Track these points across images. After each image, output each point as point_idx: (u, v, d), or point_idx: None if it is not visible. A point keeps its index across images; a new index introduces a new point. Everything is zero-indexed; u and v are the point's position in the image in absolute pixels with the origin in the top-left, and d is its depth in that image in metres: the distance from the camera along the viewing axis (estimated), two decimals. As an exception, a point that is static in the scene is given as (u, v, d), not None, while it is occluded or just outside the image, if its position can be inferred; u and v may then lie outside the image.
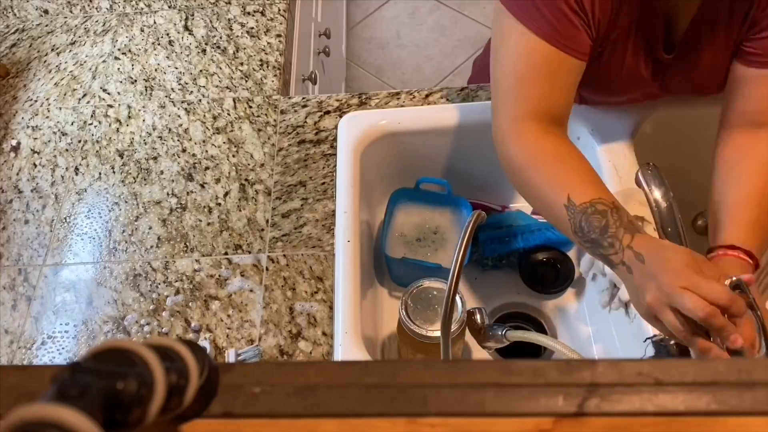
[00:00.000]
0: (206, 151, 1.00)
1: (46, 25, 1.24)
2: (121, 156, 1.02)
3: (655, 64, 0.81)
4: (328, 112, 1.03)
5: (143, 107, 1.08)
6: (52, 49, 1.20)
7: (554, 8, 0.71)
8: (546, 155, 0.73)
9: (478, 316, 0.79)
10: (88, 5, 1.26)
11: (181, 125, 1.05)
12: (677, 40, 0.78)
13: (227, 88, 1.09)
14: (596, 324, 0.95)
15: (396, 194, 1.02)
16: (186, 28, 1.19)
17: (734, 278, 0.61)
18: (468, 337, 0.97)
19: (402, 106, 1.02)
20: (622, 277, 0.66)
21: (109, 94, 1.11)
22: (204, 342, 0.82)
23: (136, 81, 1.12)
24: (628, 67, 0.80)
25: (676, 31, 0.77)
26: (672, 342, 0.70)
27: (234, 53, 1.14)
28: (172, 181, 0.98)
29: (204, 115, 1.05)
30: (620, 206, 0.68)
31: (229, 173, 0.98)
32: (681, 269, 0.60)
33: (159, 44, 1.17)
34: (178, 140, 1.03)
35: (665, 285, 0.60)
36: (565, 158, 0.73)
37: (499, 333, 0.77)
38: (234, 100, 1.07)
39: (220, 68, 1.12)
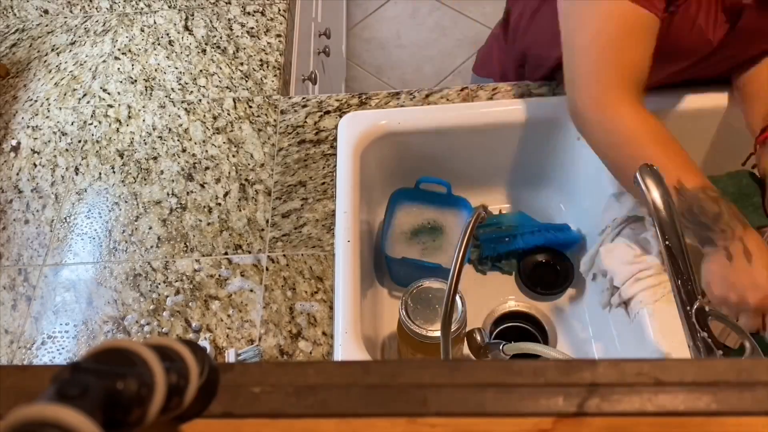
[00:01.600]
0: (206, 151, 1.00)
1: (46, 25, 1.24)
2: (121, 156, 1.02)
3: (731, 15, 0.77)
4: (328, 112, 1.03)
5: (143, 107, 1.08)
6: (52, 49, 1.20)
7: None
8: (651, 133, 0.73)
9: (477, 336, 0.79)
10: (88, 5, 1.26)
11: (181, 125, 1.05)
12: None
13: (227, 88, 1.09)
14: (596, 324, 0.95)
15: (396, 194, 1.02)
16: (186, 28, 1.19)
17: None
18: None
19: (402, 106, 1.02)
20: (714, 257, 0.70)
21: (109, 94, 1.11)
22: (204, 342, 0.82)
23: (136, 81, 1.12)
24: (700, 24, 0.77)
25: None
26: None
27: (234, 53, 1.14)
28: (172, 181, 0.98)
29: (204, 115, 1.05)
30: (726, 198, 0.71)
31: (229, 173, 0.98)
32: None
33: (159, 44, 1.17)
34: (178, 140, 1.03)
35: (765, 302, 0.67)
36: (667, 139, 0.73)
37: (498, 349, 0.77)
38: (234, 100, 1.07)
39: (220, 68, 1.12)
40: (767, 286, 0.67)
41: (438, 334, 0.73)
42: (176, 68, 1.13)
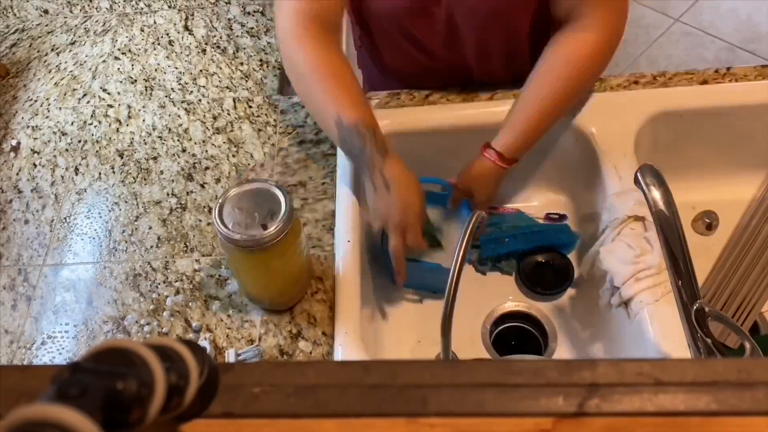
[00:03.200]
0: (206, 151, 1.00)
1: (46, 25, 1.24)
2: (121, 156, 1.02)
3: None
4: (328, 112, 1.03)
5: (143, 107, 1.08)
6: (52, 49, 1.20)
7: None
8: (325, 67, 0.82)
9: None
10: (88, 5, 1.26)
11: (181, 125, 1.05)
12: None
13: (227, 88, 1.09)
14: (596, 324, 0.95)
15: None
16: (186, 28, 1.19)
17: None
18: (464, 339, 0.97)
19: (402, 106, 1.02)
20: (367, 192, 0.82)
21: (109, 94, 1.11)
22: (204, 342, 0.82)
23: (136, 81, 1.12)
24: None
25: None
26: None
27: (234, 53, 1.14)
28: (172, 181, 0.98)
29: (204, 115, 1.05)
30: (378, 129, 0.81)
31: (229, 173, 0.98)
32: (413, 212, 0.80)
33: (159, 44, 1.17)
34: (178, 140, 1.03)
35: (400, 219, 0.80)
36: (340, 74, 0.82)
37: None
38: (234, 100, 1.07)
39: (220, 68, 1.12)
40: (400, 206, 0.79)
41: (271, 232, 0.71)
42: (176, 68, 1.13)
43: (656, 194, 0.68)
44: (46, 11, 1.27)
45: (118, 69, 1.14)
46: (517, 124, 0.87)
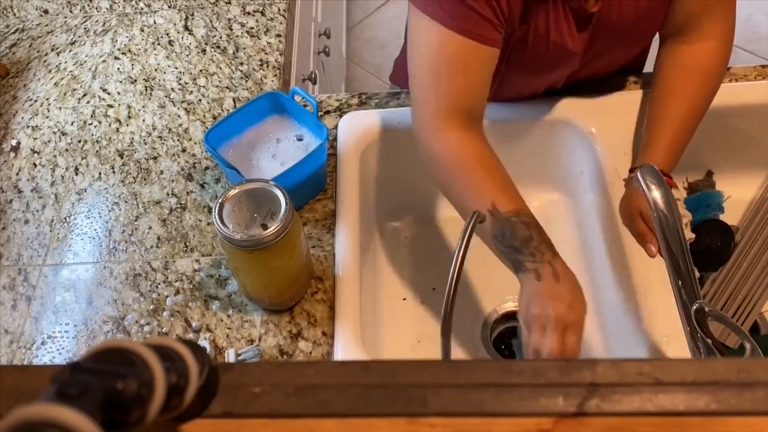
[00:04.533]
0: (206, 151, 1.00)
1: (46, 25, 1.24)
2: (121, 156, 1.02)
3: (582, 24, 0.81)
4: (328, 112, 1.03)
5: (143, 107, 1.08)
6: (52, 49, 1.20)
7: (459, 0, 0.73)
8: (470, 159, 0.76)
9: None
10: (88, 5, 1.26)
11: (181, 125, 1.05)
12: None
13: (227, 88, 1.09)
14: (596, 324, 0.95)
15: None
16: (186, 28, 1.19)
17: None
18: (464, 339, 0.97)
19: (402, 106, 1.02)
20: (526, 281, 0.70)
21: (109, 94, 1.11)
22: (204, 342, 0.82)
23: (136, 81, 1.12)
24: (554, 40, 0.81)
25: None
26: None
27: (234, 53, 1.14)
28: (172, 181, 0.98)
29: (204, 115, 1.05)
30: (538, 222, 0.73)
31: (229, 173, 0.98)
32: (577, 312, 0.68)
33: (159, 44, 1.17)
34: (178, 140, 1.03)
35: (567, 315, 0.67)
36: (488, 163, 0.76)
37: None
38: (234, 100, 1.07)
39: (220, 68, 1.12)
40: (569, 300, 0.68)
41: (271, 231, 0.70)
42: (176, 68, 1.13)
43: (656, 194, 0.68)
44: (46, 11, 1.27)
45: (118, 69, 1.14)
46: (662, 141, 0.83)
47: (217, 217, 0.71)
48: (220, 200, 0.73)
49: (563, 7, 0.78)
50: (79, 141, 1.05)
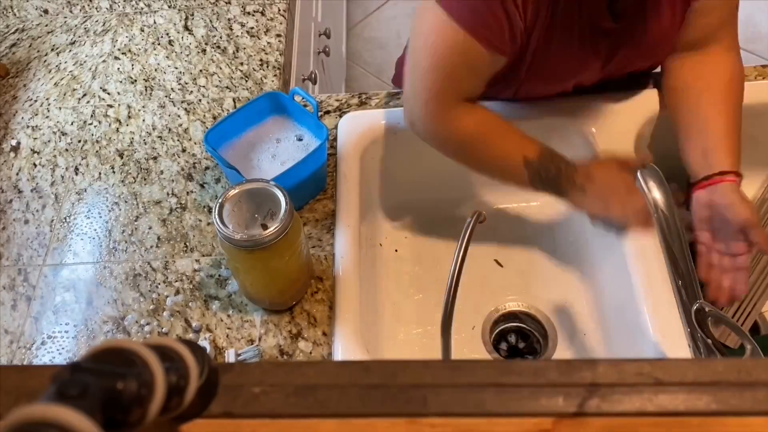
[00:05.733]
0: (206, 151, 1.00)
1: (46, 25, 1.24)
2: (121, 156, 1.02)
3: (602, 38, 0.82)
4: (328, 112, 1.03)
5: (143, 107, 1.08)
6: (52, 49, 1.20)
7: (482, 3, 0.74)
8: (489, 128, 0.84)
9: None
10: (88, 5, 1.26)
11: (181, 125, 1.05)
12: (622, 8, 0.80)
13: (227, 88, 1.09)
14: (596, 323, 0.95)
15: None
16: (186, 28, 1.19)
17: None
18: (464, 339, 0.97)
19: (402, 106, 1.01)
20: (576, 200, 0.85)
21: (108, 94, 1.11)
22: (204, 342, 0.82)
23: (136, 81, 1.12)
24: (575, 51, 0.82)
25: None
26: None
27: (234, 53, 1.14)
28: (172, 181, 0.98)
29: (204, 115, 1.05)
30: (553, 150, 0.84)
31: (229, 173, 0.98)
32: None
33: (159, 44, 1.17)
34: (178, 140, 1.03)
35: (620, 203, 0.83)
36: (502, 126, 0.85)
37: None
38: (234, 100, 1.07)
39: (220, 68, 1.12)
40: (608, 189, 0.84)
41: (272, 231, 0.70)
42: (176, 68, 1.13)
43: (657, 195, 0.68)
44: (46, 11, 1.27)
45: (118, 69, 1.14)
46: (719, 142, 0.83)
47: (217, 217, 0.71)
48: (220, 200, 0.73)
49: (583, 21, 0.79)
50: (79, 141, 1.05)
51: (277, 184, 0.74)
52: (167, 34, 1.19)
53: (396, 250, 1.07)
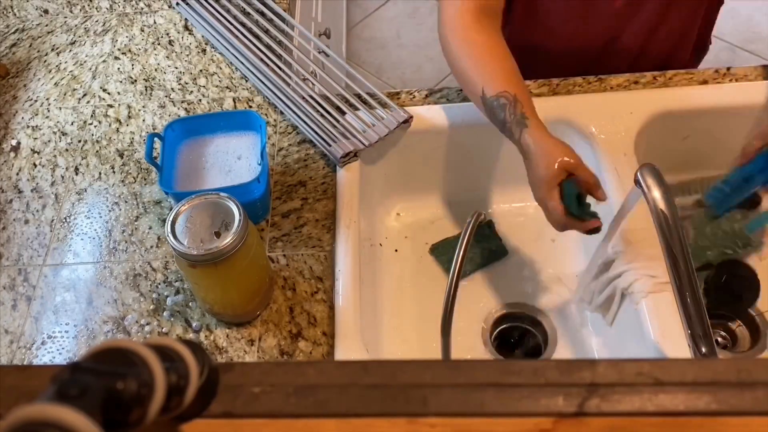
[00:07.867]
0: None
1: (46, 25, 1.24)
2: (121, 156, 1.02)
3: None
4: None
5: (143, 107, 1.08)
6: (52, 49, 1.20)
7: None
8: (474, 48, 0.86)
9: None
10: (88, 5, 1.26)
11: (181, 125, 1.04)
12: None
13: (227, 88, 1.09)
14: (596, 323, 0.95)
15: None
16: (186, 28, 1.19)
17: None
18: (464, 339, 0.97)
19: (402, 106, 1.02)
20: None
21: (109, 93, 1.11)
22: (204, 342, 0.82)
23: (136, 81, 1.12)
24: None
25: None
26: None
27: (234, 53, 1.13)
28: (172, 181, 0.98)
29: (204, 115, 1.05)
30: (519, 99, 0.80)
31: (229, 173, 0.98)
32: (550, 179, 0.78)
33: (159, 44, 1.17)
34: (178, 140, 1.02)
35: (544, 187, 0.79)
36: (489, 51, 0.85)
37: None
38: (234, 100, 1.07)
39: (220, 68, 1.12)
40: (532, 180, 0.80)
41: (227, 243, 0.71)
42: (176, 68, 1.13)
43: (656, 194, 0.68)
44: (46, 11, 1.27)
45: (118, 69, 1.14)
46: None
47: (170, 233, 0.72)
48: (171, 216, 0.73)
49: None
50: (79, 141, 1.05)
51: (229, 195, 0.74)
52: (167, 34, 1.19)
53: (396, 250, 1.07)
